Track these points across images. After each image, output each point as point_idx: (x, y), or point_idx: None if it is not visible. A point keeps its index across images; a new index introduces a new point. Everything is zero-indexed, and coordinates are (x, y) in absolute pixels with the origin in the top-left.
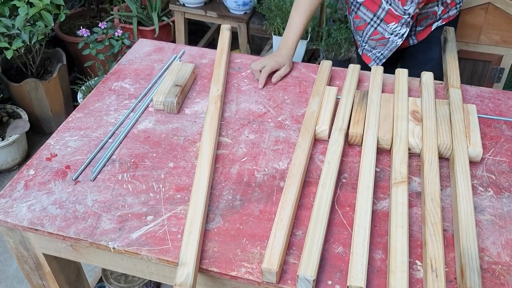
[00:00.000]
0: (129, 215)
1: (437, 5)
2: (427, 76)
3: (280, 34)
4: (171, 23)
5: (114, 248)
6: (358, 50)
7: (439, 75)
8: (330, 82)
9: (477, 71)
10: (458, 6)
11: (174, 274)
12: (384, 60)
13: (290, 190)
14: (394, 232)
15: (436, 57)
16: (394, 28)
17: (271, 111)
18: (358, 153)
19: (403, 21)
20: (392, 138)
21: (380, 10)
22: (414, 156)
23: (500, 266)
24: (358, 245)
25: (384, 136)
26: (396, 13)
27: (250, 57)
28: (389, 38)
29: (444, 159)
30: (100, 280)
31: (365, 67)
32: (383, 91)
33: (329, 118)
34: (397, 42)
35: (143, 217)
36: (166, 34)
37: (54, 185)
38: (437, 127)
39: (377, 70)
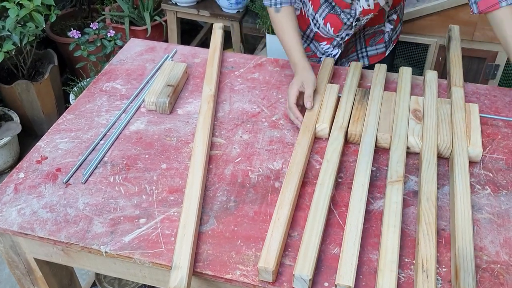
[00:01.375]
0: (121, 218)
1: (384, 24)
2: (431, 75)
3: (273, 33)
4: (163, 23)
5: (106, 252)
6: None
7: None
8: (332, 80)
9: (472, 68)
10: (398, 27)
11: (167, 277)
12: None
13: (288, 189)
14: (386, 231)
15: None
16: (326, 49)
17: (265, 111)
18: (354, 152)
19: (335, 43)
20: (391, 137)
21: (309, 30)
22: (413, 155)
23: (499, 266)
24: (348, 244)
25: (383, 134)
26: (327, 36)
27: (243, 56)
28: (321, 58)
29: (443, 158)
30: (94, 284)
31: None
32: (385, 89)
33: (329, 116)
34: None
35: (136, 220)
36: (159, 33)
37: (45, 188)
38: (438, 126)
39: (380, 68)
